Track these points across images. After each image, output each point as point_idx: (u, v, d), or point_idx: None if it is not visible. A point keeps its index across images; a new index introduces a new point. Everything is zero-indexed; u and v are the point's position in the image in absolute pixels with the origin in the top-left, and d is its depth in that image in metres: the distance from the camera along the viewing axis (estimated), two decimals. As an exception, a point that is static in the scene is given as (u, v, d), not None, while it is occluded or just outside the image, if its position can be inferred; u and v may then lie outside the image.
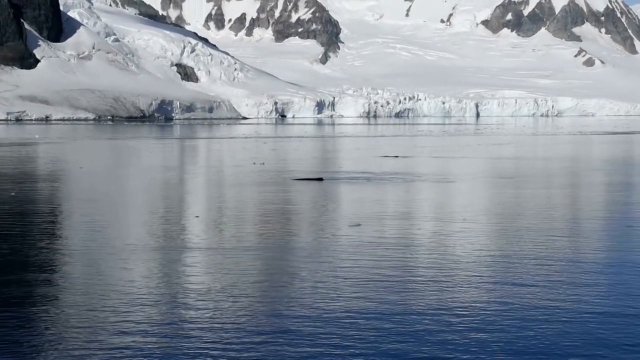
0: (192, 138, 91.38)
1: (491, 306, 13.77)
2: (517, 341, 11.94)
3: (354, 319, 12.91)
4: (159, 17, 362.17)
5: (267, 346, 11.65)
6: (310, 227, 22.40)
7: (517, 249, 18.90)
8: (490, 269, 16.67)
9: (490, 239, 20.33)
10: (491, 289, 15.03)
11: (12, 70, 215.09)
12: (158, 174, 39.97)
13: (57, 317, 13.07)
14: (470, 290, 14.87)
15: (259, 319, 13.01)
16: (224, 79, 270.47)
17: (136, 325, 12.60)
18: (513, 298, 14.31)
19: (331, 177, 36.86)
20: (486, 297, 14.37)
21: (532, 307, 13.73)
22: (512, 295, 14.53)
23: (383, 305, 13.73)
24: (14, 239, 20.08)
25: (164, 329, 12.43)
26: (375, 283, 15.29)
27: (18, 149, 64.02)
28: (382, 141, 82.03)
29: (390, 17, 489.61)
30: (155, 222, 23.15)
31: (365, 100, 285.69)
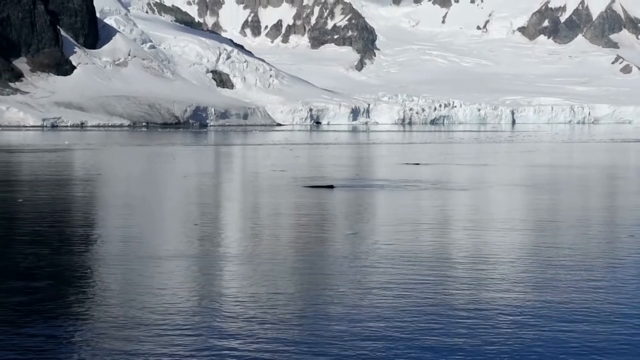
0: (220, 144, 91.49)
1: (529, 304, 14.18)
2: (554, 338, 12.37)
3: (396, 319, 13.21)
4: (195, 24, 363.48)
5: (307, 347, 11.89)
6: (304, 235, 22.31)
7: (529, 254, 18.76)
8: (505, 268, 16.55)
9: (484, 247, 20.20)
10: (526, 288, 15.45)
11: (48, 76, 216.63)
12: (169, 180, 39.98)
13: (91, 324, 13.18)
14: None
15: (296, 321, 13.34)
16: (259, 86, 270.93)
17: (172, 331, 12.72)
18: (547, 297, 14.77)
19: (344, 184, 36.73)
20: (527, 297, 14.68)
21: (573, 309, 14.08)
22: (545, 294, 15.00)
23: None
24: (35, 248, 20.04)
25: (200, 338, 12.47)
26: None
27: (42, 155, 64.38)
28: (410, 148, 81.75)
29: (426, 24, 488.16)
30: (152, 230, 23.14)
31: (400, 107, 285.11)
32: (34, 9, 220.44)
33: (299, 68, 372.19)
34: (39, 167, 50.36)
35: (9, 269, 17.42)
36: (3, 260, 18.25)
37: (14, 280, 16.29)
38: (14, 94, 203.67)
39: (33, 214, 26.64)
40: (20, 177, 42.96)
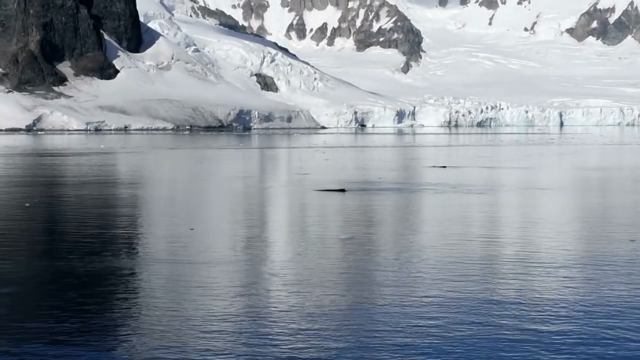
0: (255, 147, 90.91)
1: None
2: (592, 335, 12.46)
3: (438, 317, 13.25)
4: (239, 28, 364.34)
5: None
6: (288, 237, 21.65)
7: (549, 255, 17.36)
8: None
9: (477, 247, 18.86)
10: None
11: (91, 80, 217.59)
12: (183, 182, 39.13)
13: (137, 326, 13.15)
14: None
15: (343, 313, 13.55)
16: (303, 89, 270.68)
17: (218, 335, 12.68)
18: (589, 294, 14.93)
19: (360, 187, 35.88)
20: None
21: (622, 307, 14.05)
22: (587, 291, 15.15)
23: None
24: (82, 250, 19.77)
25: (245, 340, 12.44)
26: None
27: (71, 159, 63.76)
28: (445, 151, 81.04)
29: (472, 26, 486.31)
30: (148, 235, 22.11)
31: (446, 110, 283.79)
32: (77, 13, 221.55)
33: (344, 71, 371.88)
34: (59, 171, 49.62)
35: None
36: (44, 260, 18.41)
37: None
38: (57, 98, 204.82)
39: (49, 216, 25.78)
40: (38, 179, 42.12)
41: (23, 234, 22.70)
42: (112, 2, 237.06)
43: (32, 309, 14.19)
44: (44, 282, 16.26)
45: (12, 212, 27.74)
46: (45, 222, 25.31)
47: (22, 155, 68.80)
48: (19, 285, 15.91)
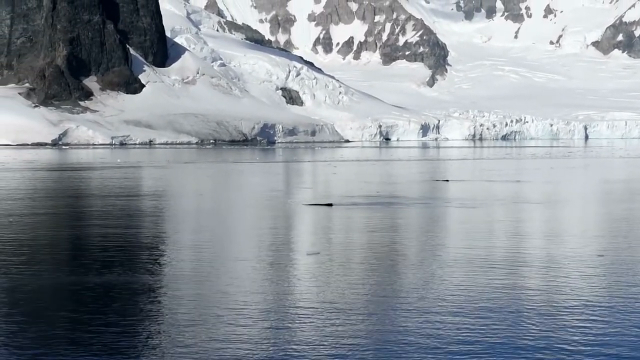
0: (269, 161, 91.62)
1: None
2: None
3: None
4: (265, 42, 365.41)
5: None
6: (257, 252, 22.07)
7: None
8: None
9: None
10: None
11: (117, 95, 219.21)
12: (171, 198, 39.99)
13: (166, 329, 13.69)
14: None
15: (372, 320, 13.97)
16: (328, 103, 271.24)
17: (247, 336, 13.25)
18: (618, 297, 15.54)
19: (353, 202, 36.44)
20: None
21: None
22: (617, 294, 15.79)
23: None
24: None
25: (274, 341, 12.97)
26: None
27: (79, 174, 64.91)
28: (456, 164, 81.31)
29: (498, 39, 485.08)
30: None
31: (471, 123, 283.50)
32: (104, 28, 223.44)
33: (370, 85, 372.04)
34: (71, 184, 50.71)
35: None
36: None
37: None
38: (83, 113, 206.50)
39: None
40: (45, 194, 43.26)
41: (33, 244, 23.38)
42: (139, 17, 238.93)
43: (53, 320, 14.44)
44: (64, 295, 16.66)
45: (30, 223, 28.55)
46: (56, 235, 26.13)
47: (33, 170, 70.12)
48: (38, 298, 16.29)
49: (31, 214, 31.88)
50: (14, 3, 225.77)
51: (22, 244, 23.47)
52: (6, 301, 15.94)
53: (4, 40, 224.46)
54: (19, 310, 15.15)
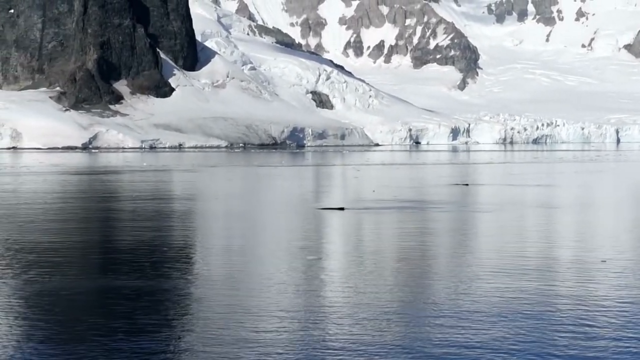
0: (293, 165, 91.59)
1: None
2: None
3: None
4: (295, 45, 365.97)
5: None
6: (261, 256, 22.07)
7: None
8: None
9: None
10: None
11: (147, 98, 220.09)
12: (187, 202, 40.00)
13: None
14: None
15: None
16: (358, 106, 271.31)
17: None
18: None
19: (367, 206, 36.36)
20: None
21: None
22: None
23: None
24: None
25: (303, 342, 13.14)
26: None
27: (101, 178, 65.16)
28: (481, 168, 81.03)
29: (530, 43, 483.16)
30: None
31: (502, 127, 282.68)
32: (134, 32, 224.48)
33: (401, 88, 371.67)
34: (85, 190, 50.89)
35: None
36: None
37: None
38: (113, 116, 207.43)
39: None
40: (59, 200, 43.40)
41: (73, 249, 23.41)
42: (169, 21, 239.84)
43: (85, 324, 14.48)
44: (95, 299, 16.76)
45: (64, 227, 28.68)
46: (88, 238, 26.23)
47: (56, 174, 70.45)
48: (69, 301, 16.35)
49: (47, 219, 31.99)
50: (45, 7, 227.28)
51: (50, 248, 23.55)
52: (38, 305, 16.01)
53: (36, 45, 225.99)
54: (50, 315, 15.20)
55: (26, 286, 17.76)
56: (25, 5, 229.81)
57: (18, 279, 18.56)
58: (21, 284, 18.05)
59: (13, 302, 16.16)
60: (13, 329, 14.12)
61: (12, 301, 16.28)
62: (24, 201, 40.40)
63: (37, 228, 28.54)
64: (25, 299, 16.55)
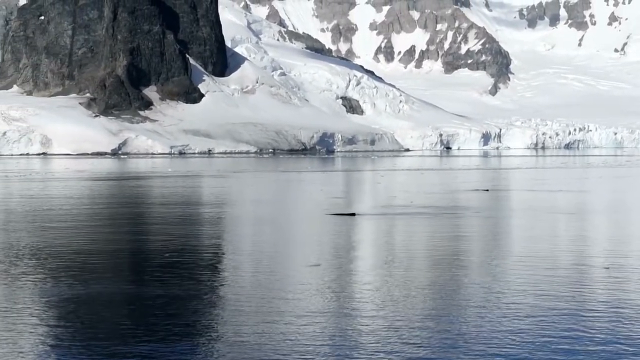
0: (317, 171, 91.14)
1: None
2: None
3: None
4: (325, 51, 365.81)
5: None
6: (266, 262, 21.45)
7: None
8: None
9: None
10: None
11: (177, 104, 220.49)
12: (194, 207, 39.53)
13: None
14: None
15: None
16: (389, 111, 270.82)
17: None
18: None
19: (380, 212, 35.92)
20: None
21: None
22: None
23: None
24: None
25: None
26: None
27: (122, 183, 64.83)
28: (505, 174, 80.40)
29: (562, 47, 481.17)
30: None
31: (533, 132, 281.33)
32: (164, 38, 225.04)
33: (432, 93, 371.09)
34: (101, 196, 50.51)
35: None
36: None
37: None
38: (143, 122, 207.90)
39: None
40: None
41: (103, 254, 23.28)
42: (198, 27, 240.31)
43: (112, 331, 14.50)
44: (123, 305, 16.70)
45: (91, 232, 28.33)
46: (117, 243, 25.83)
47: (79, 180, 70.25)
48: (98, 308, 16.32)
49: (53, 226, 31.55)
50: (75, 14, 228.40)
51: (78, 253, 23.37)
52: (67, 311, 15.93)
53: (66, 51, 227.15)
54: (79, 321, 15.19)
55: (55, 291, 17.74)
56: (56, 12, 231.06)
57: (46, 286, 18.48)
58: (53, 289, 17.99)
59: (44, 308, 16.11)
60: (42, 336, 14.07)
61: (42, 307, 16.21)
62: (34, 207, 39.98)
63: (45, 233, 28.14)
64: (58, 304, 16.50)
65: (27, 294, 17.43)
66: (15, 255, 22.83)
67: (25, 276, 19.53)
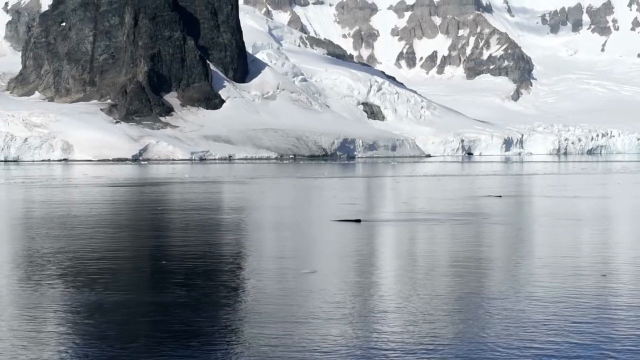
0: (334, 177, 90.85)
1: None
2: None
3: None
4: (347, 57, 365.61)
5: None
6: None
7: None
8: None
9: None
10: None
11: (197, 110, 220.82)
12: (199, 213, 39.34)
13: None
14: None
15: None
16: (410, 117, 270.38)
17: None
18: None
19: (386, 218, 35.75)
20: None
21: None
22: None
23: None
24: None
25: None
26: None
27: (135, 190, 64.76)
28: (521, 179, 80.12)
29: (584, 53, 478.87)
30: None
31: (555, 138, 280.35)
32: (185, 44, 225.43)
33: (454, 99, 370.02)
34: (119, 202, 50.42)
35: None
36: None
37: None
38: (163, 128, 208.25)
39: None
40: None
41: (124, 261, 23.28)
42: (219, 33, 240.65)
43: (136, 337, 14.56)
44: (147, 311, 16.72)
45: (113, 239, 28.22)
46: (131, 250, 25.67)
47: (93, 186, 70.22)
48: (122, 314, 16.38)
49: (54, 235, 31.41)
50: (96, 20, 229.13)
51: (102, 259, 23.41)
52: (93, 317, 16.04)
53: (87, 57, 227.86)
54: (104, 327, 15.32)
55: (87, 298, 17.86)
56: (77, 19, 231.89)
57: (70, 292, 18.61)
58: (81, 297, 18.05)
59: (68, 315, 16.14)
60: (67, 343, 14.11)
61: (66, 314, 16.25)
62: (49, 214, 39.89)
63: (51, 238, 27.98)
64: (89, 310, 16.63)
65: (51, 301, 17.41)
66: (36, 262, 22.83)
67: (48, 283, 19.56)
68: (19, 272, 21.16)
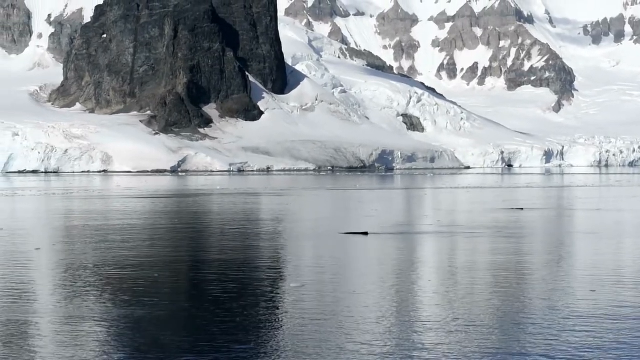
0: (365, 189, 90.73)
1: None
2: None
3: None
4: (386, 68, 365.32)
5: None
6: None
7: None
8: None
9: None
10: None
11: (236, 122, 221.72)
12: (208, 225, 39.42)
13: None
14: None
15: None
16: (450, 129, 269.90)
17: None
18: None
19: (395, 231, 35.57)
20: None
21: None
22: None
23: None
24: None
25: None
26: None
27: (164, 201, 65.04)
28: (549, 192, 79.56)
29: (627, 64, 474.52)
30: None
31: (597, 149, 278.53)
32: (224, 56, 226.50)
33: (494, 110, 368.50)
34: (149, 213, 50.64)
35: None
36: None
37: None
38: (202, 140, 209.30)
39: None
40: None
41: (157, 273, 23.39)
42: (258, 45, 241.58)
43: (171, 351, 14.58)
44: (182, 324, 16.84)
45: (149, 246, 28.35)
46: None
47: (126, 197, 70.56)
48: (156, 327, 16.47)
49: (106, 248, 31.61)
50: (137, 32, 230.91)
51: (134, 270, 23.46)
52: (125, 330, 16.12)
53: (127, 69, 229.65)
54: (138, 340, 15.34)
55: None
56: (118, 31, 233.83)
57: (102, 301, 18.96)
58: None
59: (107, 327, 16.29)
60: (106, 355, 14.23)
61: (106, 326, 16.40)
62: (52, 223, 40.17)
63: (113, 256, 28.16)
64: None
65: (90, 313, 17.55)
66: (75, 274, 23.13)
67: (87, 294, 19.82)
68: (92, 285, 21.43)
